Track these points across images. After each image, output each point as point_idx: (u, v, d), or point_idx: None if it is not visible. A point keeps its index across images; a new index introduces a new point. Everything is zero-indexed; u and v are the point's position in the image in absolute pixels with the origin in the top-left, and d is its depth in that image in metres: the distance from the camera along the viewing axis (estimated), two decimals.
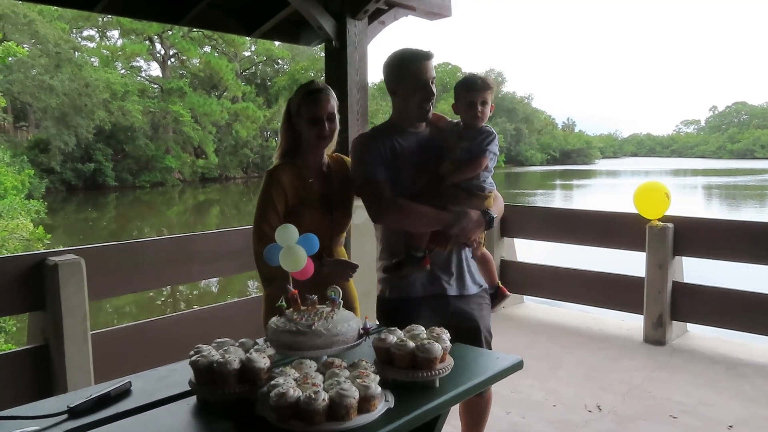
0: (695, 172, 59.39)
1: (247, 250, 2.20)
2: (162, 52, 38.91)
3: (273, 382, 1.40)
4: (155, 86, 37.76)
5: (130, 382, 1.66)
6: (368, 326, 1.76)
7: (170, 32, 36.58)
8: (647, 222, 4.45)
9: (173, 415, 1.51)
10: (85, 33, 37.35)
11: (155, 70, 41.28)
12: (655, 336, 4.41)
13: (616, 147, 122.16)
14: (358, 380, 1.43)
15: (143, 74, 39.20)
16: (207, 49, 39.80)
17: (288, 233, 1.80)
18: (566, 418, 3.22)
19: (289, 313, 1.74)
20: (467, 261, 2.29)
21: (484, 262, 2.35)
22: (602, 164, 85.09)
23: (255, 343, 1.67)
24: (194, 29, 33.80)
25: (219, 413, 1.50)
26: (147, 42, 37.36)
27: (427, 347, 1.59)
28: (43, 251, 3.13)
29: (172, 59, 39.71)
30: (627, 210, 4.73)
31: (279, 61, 45.43)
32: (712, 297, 4.42)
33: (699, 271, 5.09)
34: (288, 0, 3.45)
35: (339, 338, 1.68)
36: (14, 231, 9.16)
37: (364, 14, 3.60)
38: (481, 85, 2.19)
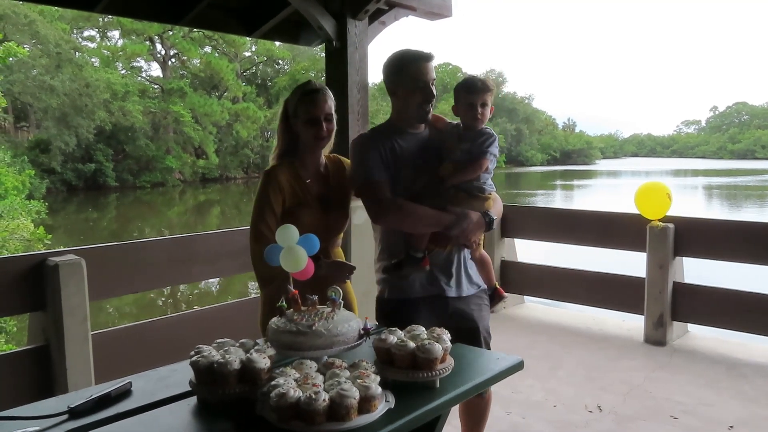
0: (696, 173, 59.34)
1: (248, 251, 2.19)
2: (162, 53, 38.94)
3: (273, 383, 1.40)
4: (156, 86, 37.78)
5: (131, 383, 1.66)
6: (369, 327, 1.76)
7: (171, 32, 36.62)
8: (647, 222, 4.45)
9: (174, 416, 1.51)
10: (86, 33, 37.49)
11: (156, 71, 41.40)
12: (656, 336, 4.41)
13: (617, 147, 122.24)
14: (359, 380, 1.42)
15: (144, 74, 39.31)
16: (207, 50, 39.83)
17: (288, 233, 1.80)
18: (566, 419, 3.22)
19: (290, 314, 1.74)
20: (466, 262, 2.29)
21: (483, 264, 2.36)
22: (603, 164, 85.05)
23: (255, 344, 1.67)
24: (195, 29, 33.85)
25: (219, 413, 1.50)
26: (147, 42, 37.39)
27: (428, 347, 1.59)
28: (44, 251, 3.14)
29: (173, 59, 39.74)
30: (627, 210, 4.74)
31: (279, 62, 45.45)
32: (713, 297, 4.42)
33: (699, 272, 5.09)
34: (288, 0, 3.45)
35: (339, 339, 1.67)
36: (15, 231, 9.17)
37: (365, 14, 3.60)
38: (481, 87, 2.20)
